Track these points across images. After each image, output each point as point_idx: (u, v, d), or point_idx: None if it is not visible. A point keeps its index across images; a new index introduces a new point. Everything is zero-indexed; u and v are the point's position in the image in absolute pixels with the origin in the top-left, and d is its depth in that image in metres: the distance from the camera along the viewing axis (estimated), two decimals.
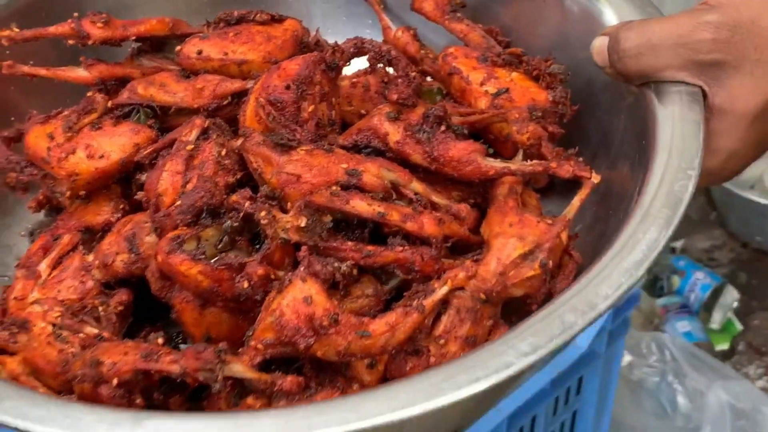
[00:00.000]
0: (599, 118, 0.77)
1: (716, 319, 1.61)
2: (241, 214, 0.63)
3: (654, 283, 1.63)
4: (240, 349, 0.59)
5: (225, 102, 0.78)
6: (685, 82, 0.67)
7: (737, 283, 1.71)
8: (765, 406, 1.14)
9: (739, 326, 1.63)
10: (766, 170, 1.79)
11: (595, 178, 0.67)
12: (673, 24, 0.67)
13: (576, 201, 0.67)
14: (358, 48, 0.73)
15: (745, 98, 0.66)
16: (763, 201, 1.73)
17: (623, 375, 1.19)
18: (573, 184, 0.73)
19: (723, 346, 1.59)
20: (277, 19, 0.85)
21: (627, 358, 1.21)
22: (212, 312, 0.67)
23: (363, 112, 0.78)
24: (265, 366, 0.59)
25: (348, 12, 0.99)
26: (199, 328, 0.68)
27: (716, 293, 1.62)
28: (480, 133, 0.75)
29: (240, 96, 0.76)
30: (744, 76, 0.65)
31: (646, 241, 0.58)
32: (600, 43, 0.71)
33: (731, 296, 1.64)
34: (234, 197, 0.64)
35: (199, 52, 0.81)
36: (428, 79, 0.87)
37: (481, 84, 0.76)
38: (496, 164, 0.68)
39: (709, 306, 1.61)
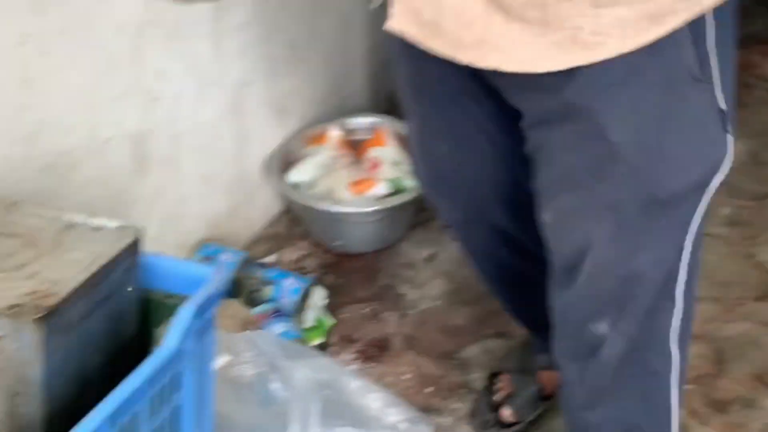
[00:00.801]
0: None
1: (309, 318, 1.81)
2: None
3: (249, 294, 1.80)
4: None
5: None
6: None
7: (326, 283, 1.92)
8: (343, 375, 1.33)
9: (330, 321, 1.83)
10: (335, 183, 2.02)
11: None
12: None
13: None
14: None
15: None
16: (335, 209, 1.96)
17: (223, 374, 1.33)
18: None
19: (318, 340, 1.78)
20: None
21: (225, 358, 1.35)
22: None
23: None
24: None
25: None
26: None
27: (306, 295, 1.82)
28: None
29: None
30: None
31: None
32: None
33: (319, 295, 1.84)
34: None
35: None
36: None
37: None
38: None
39: (301, 307, 1.80)
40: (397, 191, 1.99)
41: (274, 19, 1.94)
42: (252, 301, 1.79)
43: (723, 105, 1.09)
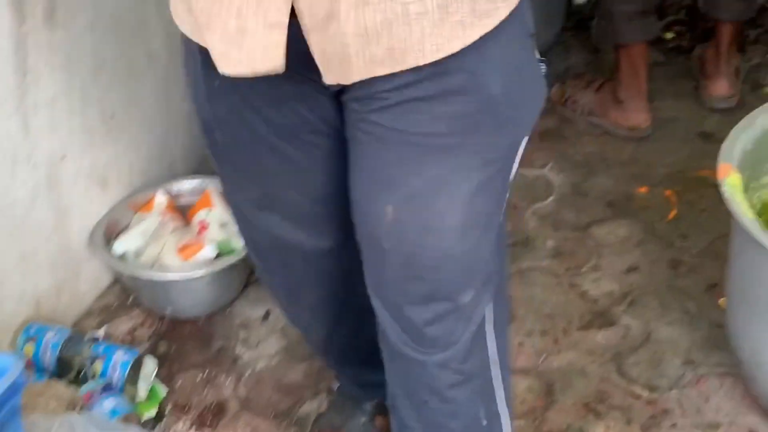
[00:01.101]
0: None
1: (141, 391, 1.78)
2: None
3: (77, 373, 1.76)
4: None
5: None
6: None
7: (159, 352, 1.90)
8: None
9: (163, 391, 1.81)
10: (163, 250, 2.00)
11: None
12: None
13: None
14: None
15: None
16: (162, 277, 1.94)
17: None
18: None
19: (151, 413, 1.76)
20: None
21: None
22: None
23: None
24: None
25: None
26: None
27: (137, 367, 1.79)
28: None
29: None
30: None
31: None
32: None
33: (149, 366, 1.82)
34: None
35: None
36: None
37: None
38: None
39: (132, 380, 1.77)
40: (226, 252, 1.98)
41: (85, 91, 1.92)
42: (81, 379, 1.76)
43: (538, 54, 1.23)
